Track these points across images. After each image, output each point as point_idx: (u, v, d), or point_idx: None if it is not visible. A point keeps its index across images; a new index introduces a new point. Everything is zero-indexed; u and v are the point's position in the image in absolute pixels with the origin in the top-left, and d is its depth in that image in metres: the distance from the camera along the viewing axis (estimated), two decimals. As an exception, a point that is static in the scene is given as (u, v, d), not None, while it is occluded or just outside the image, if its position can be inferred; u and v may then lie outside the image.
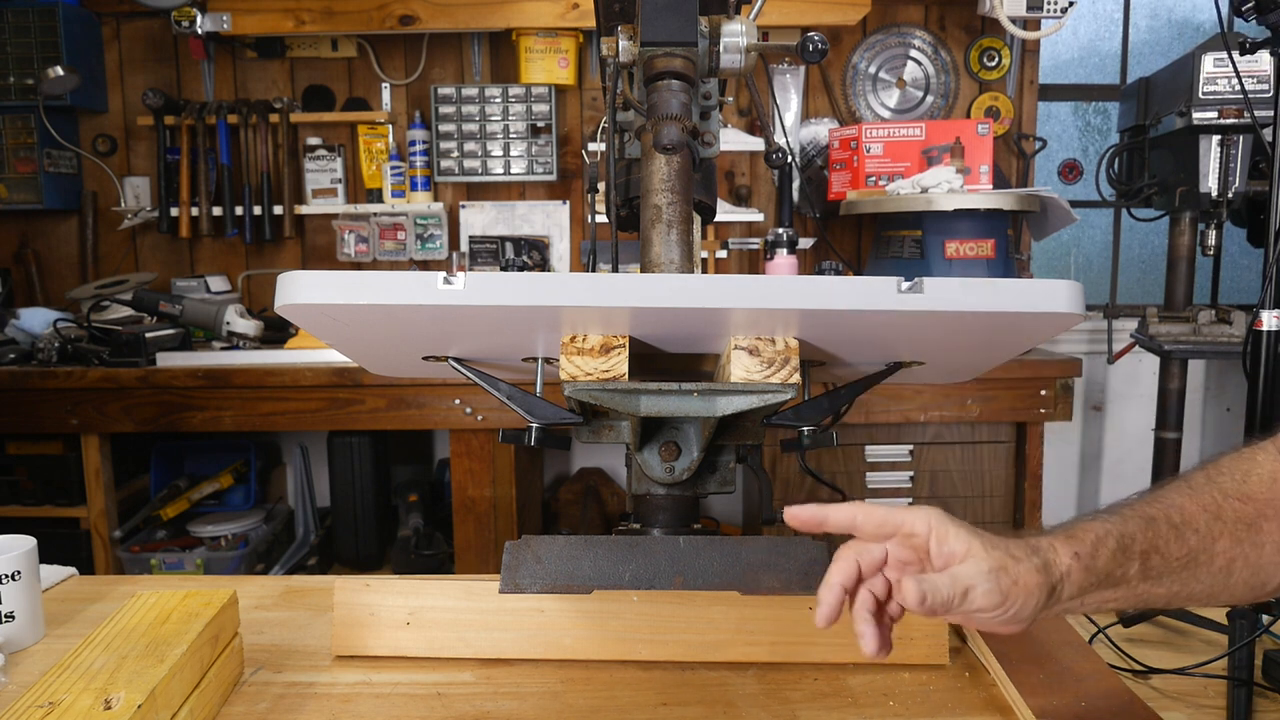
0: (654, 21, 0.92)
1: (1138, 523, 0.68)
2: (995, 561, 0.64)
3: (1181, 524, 0.68)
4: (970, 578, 0.64)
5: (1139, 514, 0.68)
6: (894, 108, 3.13)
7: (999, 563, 0.64)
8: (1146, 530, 0.67)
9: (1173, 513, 0.69)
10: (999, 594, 0.64)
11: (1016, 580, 0.64)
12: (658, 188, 0.96)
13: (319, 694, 0.89)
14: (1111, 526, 0.67)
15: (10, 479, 2.59)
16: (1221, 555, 0.68)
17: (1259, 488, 0.70)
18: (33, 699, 0.71)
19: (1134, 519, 0.68)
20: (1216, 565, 0.68)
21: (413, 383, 2.42)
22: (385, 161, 3.06)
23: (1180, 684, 0.90)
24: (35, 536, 1.00)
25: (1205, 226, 2.63)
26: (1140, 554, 0.67)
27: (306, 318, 0.81)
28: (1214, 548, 0.68)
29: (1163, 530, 0.68)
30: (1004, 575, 0.64)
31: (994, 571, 0.64)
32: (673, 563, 0.88)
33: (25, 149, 2.95)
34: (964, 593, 0.64)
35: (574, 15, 2.83)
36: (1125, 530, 0.67)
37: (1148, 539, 0.67)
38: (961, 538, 0.66)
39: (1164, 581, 0.68)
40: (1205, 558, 0.68)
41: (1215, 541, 0.68)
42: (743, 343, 0.83)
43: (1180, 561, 0.68)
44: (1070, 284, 0.76)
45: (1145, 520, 0.68)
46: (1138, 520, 0.68)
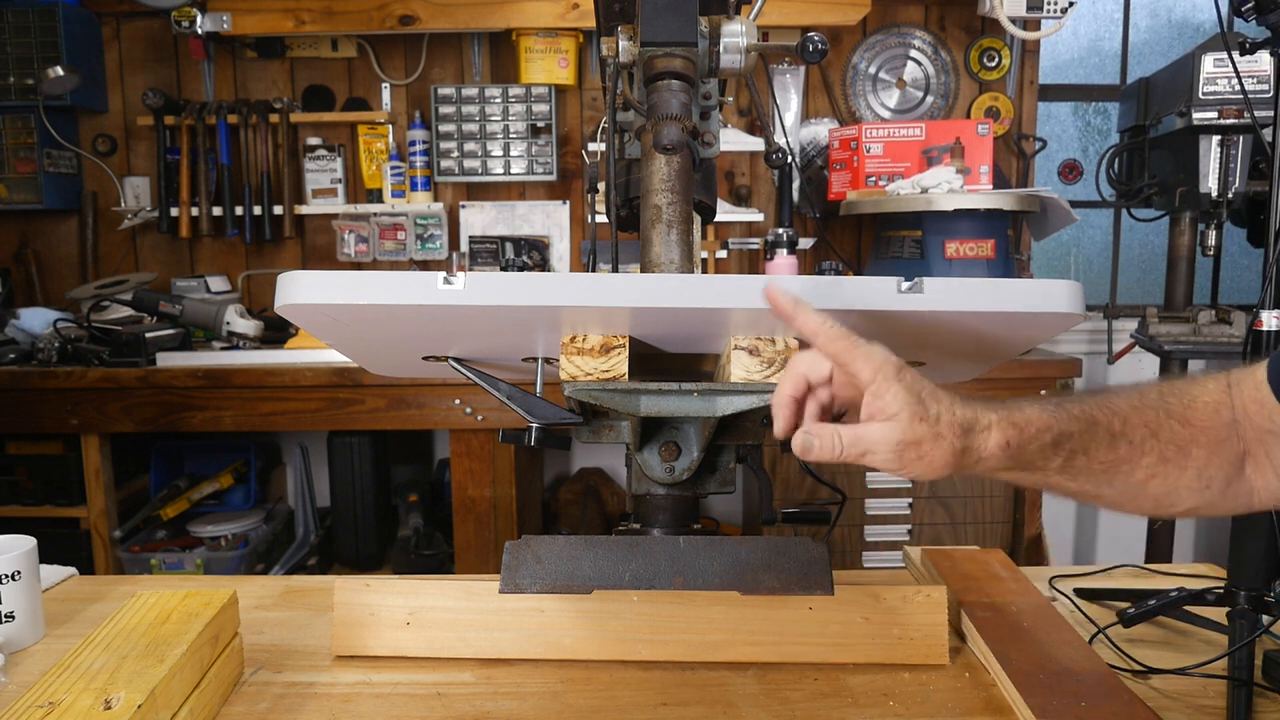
0: (654, 21, 0.92)
1: (1080, 423, 0.70)
2: (914, 436, 0.66)
3: (1119, 434, 0.70)
4: (875, 443, 0.67)
5: (1086, 416, 0.70)
6: (894, 108, 3.13)
7: (916, 437, 0.66)
8: (1085, 433, 0.70)
9: (1115, 421, 0.71)
10: (896, 464, 0.67)
11: (923, 457, 0.67)
12: (658, 188, 0.96)
13: (319, 694, 0.89)
14: (1055, 421, 0.69)
15: (10, 479, 2.59)
16: (1144, 470, 0.71)
17: (1200, 414, 0.72)
18: (33, 699, 0.71)
19: (1079, 419, 0.70)
20: (1135, 478, 0.71)
21: (413, 383, 2.42)
22: (385, 161, 3.06)
23: (1180, 684, 0.90)
24: (35, 536, 1.00)
25: (1205, 226, 2.63)
26: (1068, 452, 0.70)
27: (306, 318, 0.81)
28: (1140, 461, 0.71)
29: (1100, 436, 0.70)
30: (912, 450, 0.67)
31: (904, 445, 0.67)
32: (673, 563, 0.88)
33: (25, 149, 2.95)
34: (863, 453, 0.68)
35: (574, 15, 2.83)
36: (1066, 429, 0.69)
37: (1081, 442, 0.70)
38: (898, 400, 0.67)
39: (1079, 479, 0.71)
40: (1128, 468, 0.71)
41: (1144, 456, 0.71)
42: (742, 343, 0.83)
43: (1103, 466, 0.70)
44: (1070, 284, 0.77)
45: (1088, 423, 0.70)
46: (1081, 421, 0.70)
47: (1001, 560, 1.15)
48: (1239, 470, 0.73)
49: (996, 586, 1.06)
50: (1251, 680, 0.87)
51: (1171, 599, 1.01)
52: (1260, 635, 0.93)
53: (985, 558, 1.16)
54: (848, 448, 0.68)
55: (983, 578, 1.09)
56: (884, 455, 0.67)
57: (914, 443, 0.67)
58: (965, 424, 0.67)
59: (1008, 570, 1.12)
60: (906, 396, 0.67)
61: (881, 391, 0.67)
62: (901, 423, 0.67)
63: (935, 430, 0.67)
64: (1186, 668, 0.91)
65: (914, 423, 0.66)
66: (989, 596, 1.03)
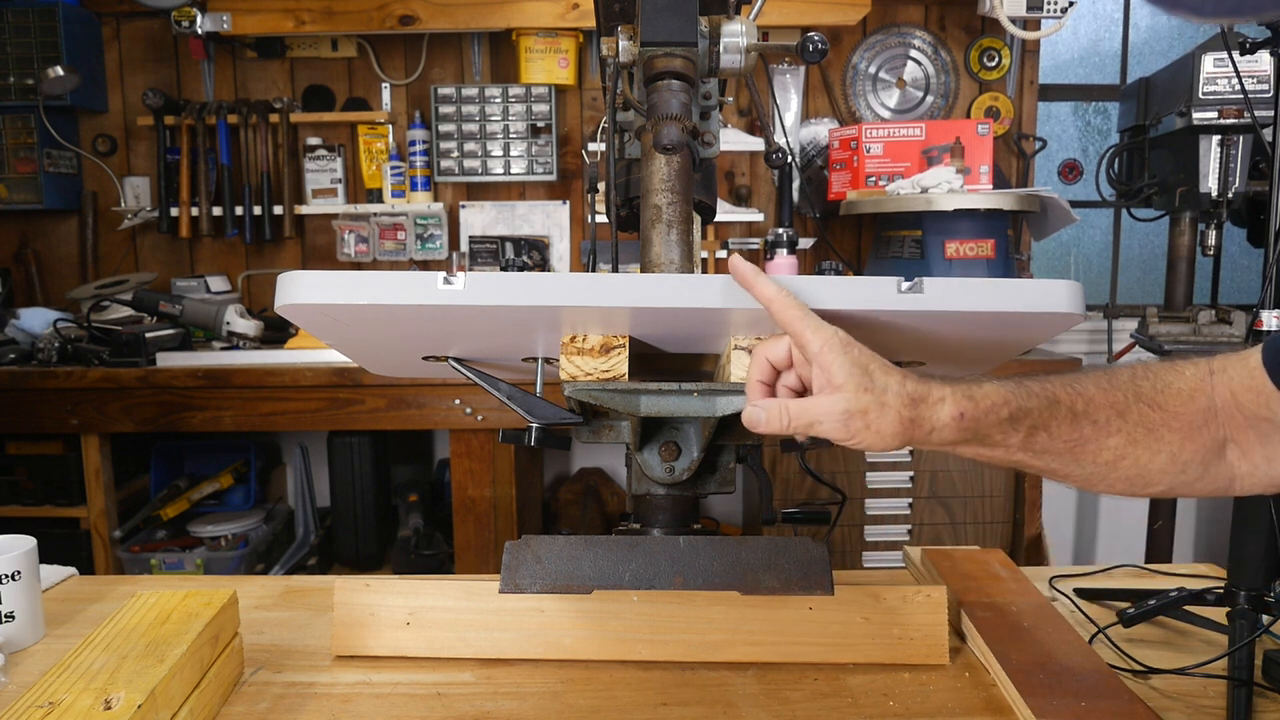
0: (654, 21, 0.92)
1: (1040, 401, 0.71)
2: (859, 405, 0.68)
3: (1082, 413, 0.71)
4: (821, 413, 0.69)
5: (1047, 394, 0.71)
6: (894, 108, 3.13)
7: (862, 406, 0.68)
8: (1045, 410, 0.70)
9: (1078, 401, 0.71)
10: (845, 434, 0.69)
11: (870, 425, 0.68)
12: (658, 188, 0.96)
13: (319, 694, 0.89)
14: (1013, 397, 0.70)
15: (10, 479, 2.59)
16: (1110, 450, 0.71)
17: (1174, 400, 0.72)
18: (33, 699, 0.71)
19: (1039, 397, 0.71)
20: (1103, 459, 0.71)
21: (413, 383, 2.42)
22: (385, 161, 3.06)
23: (1180, 684, 0.90)
24: (35, 536, 1.00)
25: (1205, 226, 2.63)
26: (1028, 428, 0.70)
27: (306, 318, 0.81)
28: (1105, 441, 0.71)
29: (1061, 414, 0.71)
30: (859, 419, 0.68)
31: (850, 414, 0.68)
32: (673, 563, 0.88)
33: (25, 149, 2.95)
34: (810, 424, 0.70)
35: (574, 15, 2.84)
36: (1024, 405, 0.70)
37: (1041, 418, 0.70)
38: (845, 371, 0.69)
39: (1043, 458, 0.72)
40: (1093, 448, 0.71)
41: (1109, 437, 0.71)
42: (742, 343, 0.83)
43: (1066, 445, 0.71)
44: (1070, 284, 0.77)
45: (1048, 401, 0.71)
46: (1041, 399, 0.71)
47: (1001, 560, 1.15)
48: (1217, 455, 0.73)
49: (996, 586, 1.06)
50: (1251, 680, 0.87)
51: (1171, 599, 1.01)
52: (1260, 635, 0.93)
53: (985, 558, 1.16)
54: (795, 418, 0.70)
55: (983, 578, 1.09)
56: (831, 425, 0.69)
57: (860, 411, 0.68)
58: (915, 396, 0.69)
59: (1008, 570, 1.12)
60: (851, 368, 0.69)
61: (828, 363, 0.69)
62: (847, 393, 0.68)
63: (881, 400, 0.68)
64: (1186, 668, 0.91)
65: (859, 393, 0.68)
66: (989, 596, 1.03)
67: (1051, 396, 0.71)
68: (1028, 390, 0.71)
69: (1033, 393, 0.71)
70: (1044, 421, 0.70)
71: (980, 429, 0.70)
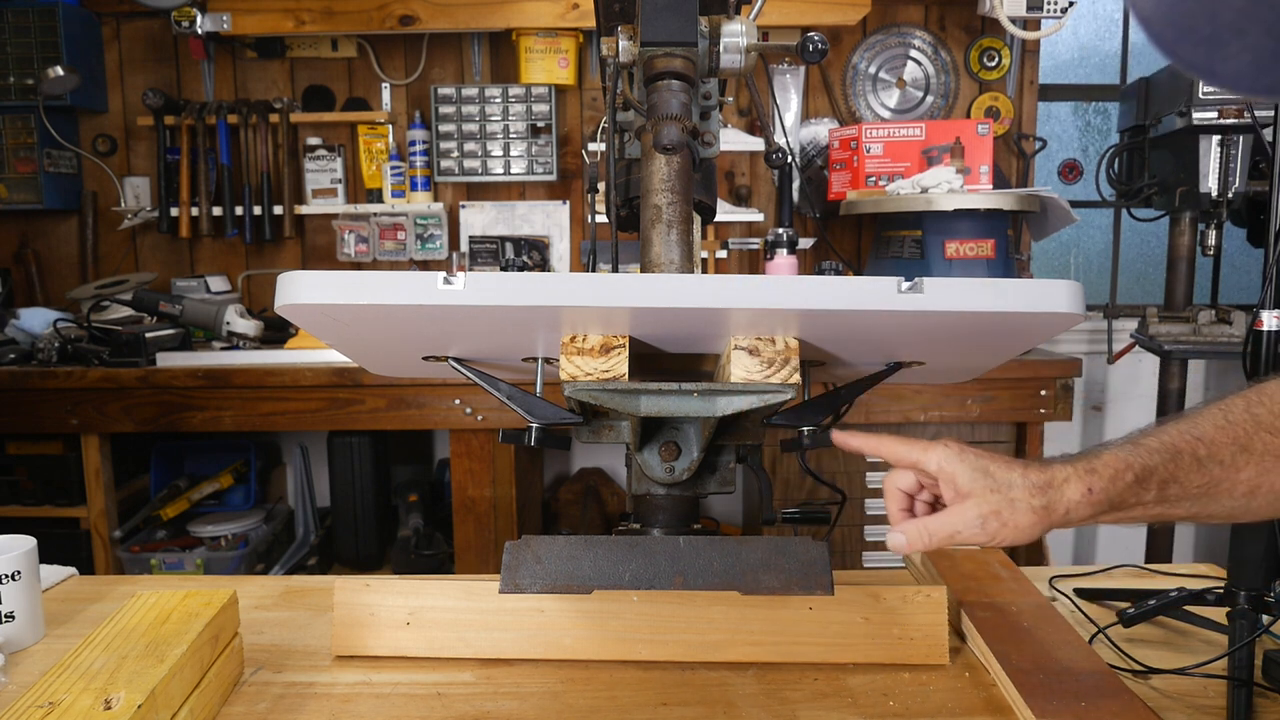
0: (654, 21, 0.92)
1: (1162, 456, 0.71)
2: (991, 507, 0.71)
3: (1206, 457, 0.71)
4: (959, 524, 0.72)
5: (1166, 446, 0.71)
6: (894, 108, 3.13)
7: (994, 508, 0.71)
8: (1169, 464, 0.71)
9: (1199, 446, 0.71)
10: (985, 536, 0.72)
11: (1006, 523, 0.70)
12: (658, 188, 0.96)
13: (319, 694, 0.89)
14: (1134, 458, 0.71)
15: (10, 479, 2.59)
16: (1245, 484, 0.71)
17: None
18: (33, 699, 0.71)
19: (1159, 452, 0.71)
20: (1239, 492, 0.71)
21: (413, 383, 2.42)
22: (385, 161, 3.06)
23: (1180, 684, 0.90)
24: (35, 536, 1.00)
25: (1205, 226, 2.63)
26: (1158, 484, 0.71)
27: (306, 318, 0.81)
28: (1237, 477, 0.71)
29: (1185, 463, 0.71)
30: (994, 519, 0.71)
31: (984, 517, 0.71)
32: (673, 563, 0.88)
33: (25, 149, 2.95)
34: (951, 534, 0.73)
35: (574, 15, 2.83)
36: (1148, 463, 0.71)
37: (1169, 471, 0.71)
38: (968, 478, 0.72)
39: (1181, 505, 0.72)
40: (1227, 486, 0.71)
41: (1239, 471, 0.71)
42: (743, 343, 0.83)
43: (1200, 490, 0.71)
44: (1070, 284, 0.76)
45: (1170, 454, 0.71)
46: (1163, 454, 0.71)
47: (1001, 560, 1.15)
48: None
49: (996, 586, 1.06)
50: (1251, 680, 0.87)
51: (1171, 599, 1.01)
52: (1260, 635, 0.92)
53: (985, 557, 1.16)
54: (934, 534, 0.74)
55: (983, 577, 1.09)
56: (971, 531, 0.72)
57: (993, 513, 0.71)
58: (1040, 484, 0.71)
59: (1008, 570, 1.12)
60: (973, 473, 0.72)
61: (950, 475, 0.73)
62: (976, 498, 0.72)
63: (1009, 496, 0.71)
64: (1186, 668, 0.91)
65: (987, 495, 0.71)
66: (989, 596, 1.03)
67: (1172, 448, 0.71)
68: (1146, 448, 0.71)
69: (1152, 450, 0.71)
70: (1172, 475, 0.71)
71: (1112, 497, 0.71)
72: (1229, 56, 0.42)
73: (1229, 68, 0.42)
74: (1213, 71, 0.43)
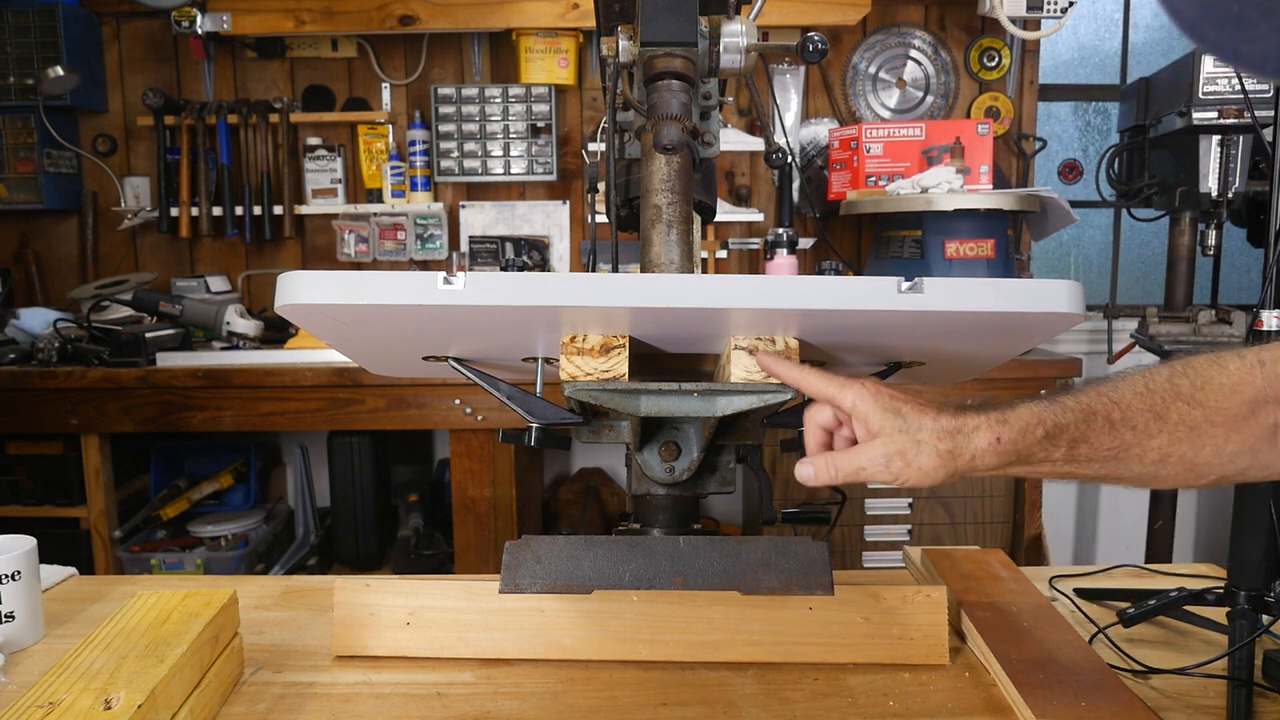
0: (654, 21, 0.92)
1: (1075, 415, 0.72)
2: (897, 446, 0.73)
3: (1120, 421, 0.72)
4: (864, 460, 0.74)
5: (1081, 406, 0.72)
6: (894, 108, 3.13)
7: (900, 448, 0.73)
8: (1081, 424, 0.72)
9: (1114, 410, 0.72)
10: (889, 475, 0.73)
11: (910, 464, 0.72)
12: (658, 188, 0.96)
13: (319, 694, 0.89)
14: (1047, 414, 0.72)
15: (10, 479, 2.59)
16: (1155, 451, 0.72)
17: (1215, 396, 0.72)
18: (33, 699, 0.71)
19: (1074, 411, 0.72)
20: (1149, 459, 0.72)
21: (413, 383, 2.42)
22: (385, 161, 3.06)
23: (1180, 684, 0.90)
24: (35, 536, 1.00)
25: (1205, 226, 2.63)
26: (1068, 442, 0.72)
27: (307, 318, 0.81)
28: (1148, 444, 0.72)
29: (1098, 425, 0.72)
30: (898, 459, 0.72)
31: (889, 456, 0.73)
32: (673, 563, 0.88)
33: (25, 149, 2.95)
34: (856, 470, 0.75)
35: (574, 15, 2.83)
36: (1060, 421, 0.72)
37: (1079, 431, 0.72)
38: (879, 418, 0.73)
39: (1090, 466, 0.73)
40: (1137, 452, 0.72)
41: (1151, 439, 0.72)
42: (743, 343, 0.83)
43: (1110, 453, 0.72)
44: (1070, 284, 0.77)
45: (1085, 414, 0.72)
46: (1077, 413, 0.72)
47: (1001, 560, 1.15)
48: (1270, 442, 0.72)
49: (996, 586, 1.06)
50: (1251, 680, 0.87)
51: (1171, 599, 1.01)
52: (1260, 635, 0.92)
53: (985, 558, 1.16)
54: (840, 469, 0.75)
55: (982, 577, 1.09)
56: (874, 469, 0.74)
57: (899, 452, 0.73)
58: (949, 429, 0.72)
59: (1007, 570, 1.12)
60: (884, 413, 0.73)
61: (863, 414, 0.74)
62: (884, 436, 0.73)
63: (916, 438, 0.72)
64: (1186, 668, 0.91)
65: (895, 435, 0.73)
66: (989, 596, 1.03)
67: (1087, 408, 0.72)
68: (1062, 406, 0.72)
69: (1067, 407, 0.72)
70: (1082, 434, 0.72)
71: (1020, 450, 0.72)
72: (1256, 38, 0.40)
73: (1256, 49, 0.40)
74: (1238, 53, 0.41)
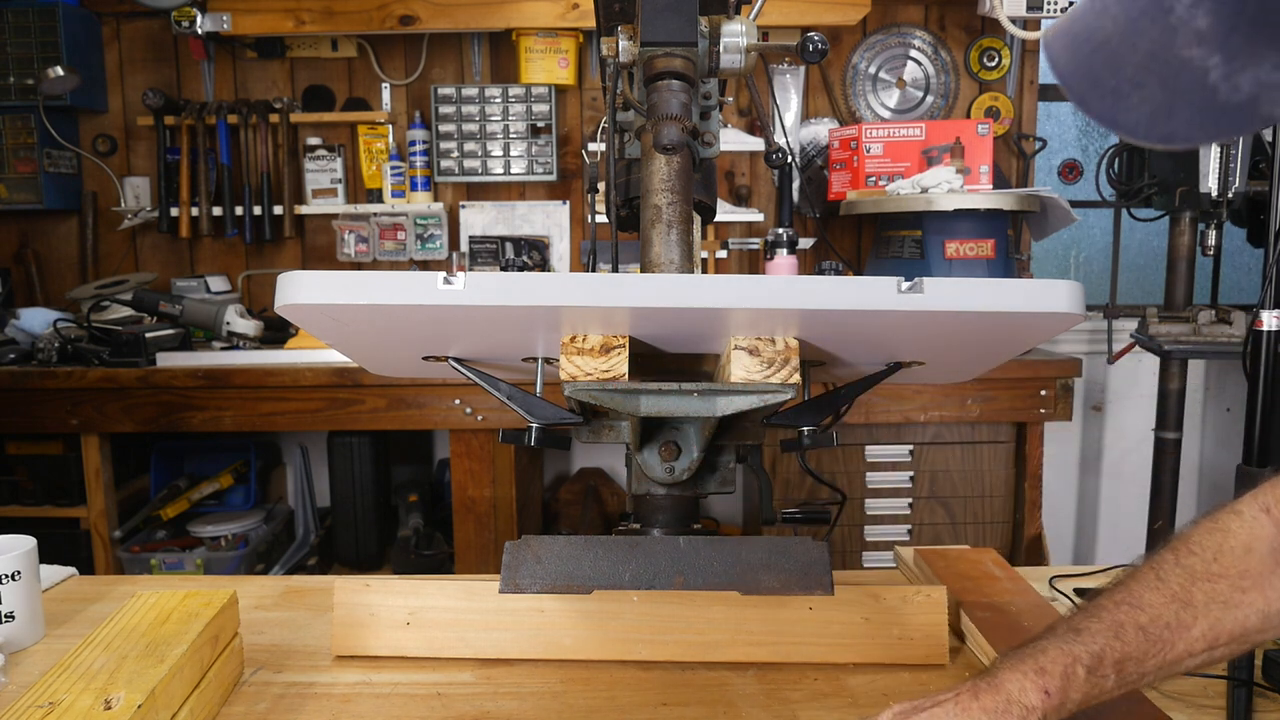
0: (654, 21, 0.92)
1: (1105, 637, 0.68)
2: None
3: (1149, 623, 0.68)
4: None
5: (1105, 625, 0.69)
6: (894, 108, 3.13)
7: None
8: (1114, 641, 0.68)
9: (1139, 615, 0.69)
10: None
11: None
12: (658, 188, 0.96)
13: (319, 694, 0.89)
14: (1079, 649, 0.68)
15: (10, 479, 2.59)
16: (1200, 639, 0.68)
17: (1231, 562, 0.69)
18: (33, 699, 0.71)
19: (1101, 632, 0.69)
20: (1198, 649, 0.69)
21: (413, 383, 2.42)
22: (385, 161, 3.05)
23: (1180, 684, 0.90)
24: (35, 536, 1.00)
25: (1205, 226, 2.63)
26: (1114, 667, 0.68)
27: (307, 318, 0.81)
28: (1190, 634, 0.68)
29: (1131, 635, 0.68)
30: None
31: None
32: (673, 563, 0.88)
33: (25, 149, 2.94)
34: None
35: (574, 15, 2.83)
36: (1093, 649, 0.68)
37: (1118, 651, 0.68)
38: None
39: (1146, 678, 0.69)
40: (1183, 646, 0.68)
41: (1189, 629, 0.68)
42: (743, 343, 0.83)
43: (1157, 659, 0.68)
44: (1070, 284, 0.76)
45: (1113, 631, 0.68)
46: (1105, 634, 0.68)
47: (995, 559, 1.15)
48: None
49: (994, 586, 1.06)
50: (1251, 680, 0.87)
51: (1171, 599, 1.01)
52: (1260, 635, 0.92)
53: (978, 557, 1.16)
54: None
55: (979, 577, 1.09)
56: None
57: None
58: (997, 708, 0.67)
59: (1002, 570, 1.12)
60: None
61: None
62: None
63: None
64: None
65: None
66: (987, 596, 1.03)
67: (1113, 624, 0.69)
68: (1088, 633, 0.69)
69: (1094, 632, 0.69)
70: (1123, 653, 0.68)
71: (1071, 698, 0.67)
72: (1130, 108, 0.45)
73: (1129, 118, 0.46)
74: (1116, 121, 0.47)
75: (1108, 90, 0.46)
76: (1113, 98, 0.46)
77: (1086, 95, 0.47)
